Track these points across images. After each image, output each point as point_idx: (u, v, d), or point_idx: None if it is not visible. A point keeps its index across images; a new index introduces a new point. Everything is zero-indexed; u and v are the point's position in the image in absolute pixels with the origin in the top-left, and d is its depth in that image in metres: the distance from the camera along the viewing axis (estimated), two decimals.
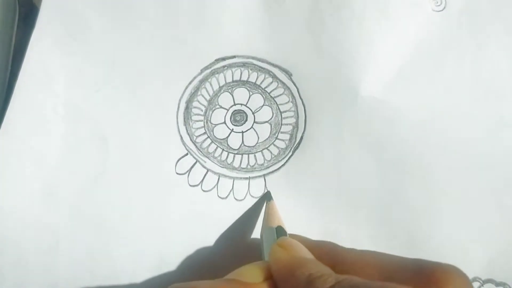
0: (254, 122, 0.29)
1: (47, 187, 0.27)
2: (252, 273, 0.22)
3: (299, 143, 0.29)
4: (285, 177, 0.29)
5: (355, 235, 0.28)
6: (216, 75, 0.29)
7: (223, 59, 0.29)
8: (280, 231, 0.25)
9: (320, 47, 0.28)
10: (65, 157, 0.27)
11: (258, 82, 0.29)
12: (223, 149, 0.29)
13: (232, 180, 0.28)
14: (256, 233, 0.28)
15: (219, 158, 0.29)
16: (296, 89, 0.29)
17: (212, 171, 0.28)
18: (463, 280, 0.19)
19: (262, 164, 0.29)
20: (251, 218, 0.28)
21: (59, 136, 0.27)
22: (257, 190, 0.28)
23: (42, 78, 0.27)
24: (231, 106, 0.29)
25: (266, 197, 0.28)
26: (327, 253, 0.23)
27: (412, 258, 0.21)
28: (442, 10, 0.28)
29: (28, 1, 0.27)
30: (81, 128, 0.27)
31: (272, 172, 0.29)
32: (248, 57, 0.29)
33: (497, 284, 0.29)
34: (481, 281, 0.29)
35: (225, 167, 0.29)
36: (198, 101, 0.29)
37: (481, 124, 0.28)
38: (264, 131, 0.29)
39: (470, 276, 0.29)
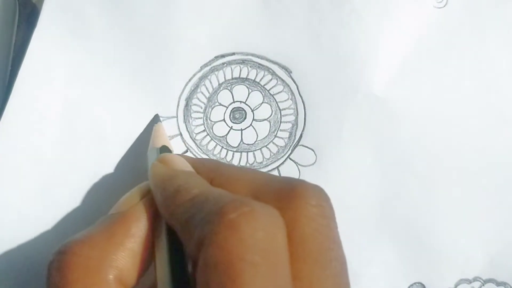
0: (253, 119, 0.29)
1: (45, 184, 0.27)
2: (130, 199, 0.22)
3: (298, 141, 0.29)
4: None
5: (353, 234, 0.28)
6: (216, 72, 0.29)
7: (223, 56, 0.28)
8: (165, 150, 0.24)
9: (320, 44, 0.28)
10: (64, 154, 0.27)
11: (257, 79, 0.29)
12: (222, 147, 0.29)
13: None
14: None
15: (218, 155, 0.29)
16: (295, 87, 0.28)
17: None
18: (321, 194, 0.20)
19: (261, 163, 0.29)
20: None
21: (58, 134, 0.27)
22: None
23: (42, 75, 0.27)
24: (230, 104, 0.29)
25: (154, 120, 0.28)
26: (211, 169, 0.22)
27: (283, 176, 0.21)
28: (443, 6, 0.28)
29: (28, 1, 0.27)
30: (80, 125, 0.28)
31: (271, 170, 0.28)
32: (247, 54, 0.28)
33: (498, 283, 0.29)
34: (482, 281, 0.29)
35: None
36: (198, 98, 0.29)
37: (482, 121, 0.28)
38: (263, 129, 0.29)
39: (471, 275, 0.29)
